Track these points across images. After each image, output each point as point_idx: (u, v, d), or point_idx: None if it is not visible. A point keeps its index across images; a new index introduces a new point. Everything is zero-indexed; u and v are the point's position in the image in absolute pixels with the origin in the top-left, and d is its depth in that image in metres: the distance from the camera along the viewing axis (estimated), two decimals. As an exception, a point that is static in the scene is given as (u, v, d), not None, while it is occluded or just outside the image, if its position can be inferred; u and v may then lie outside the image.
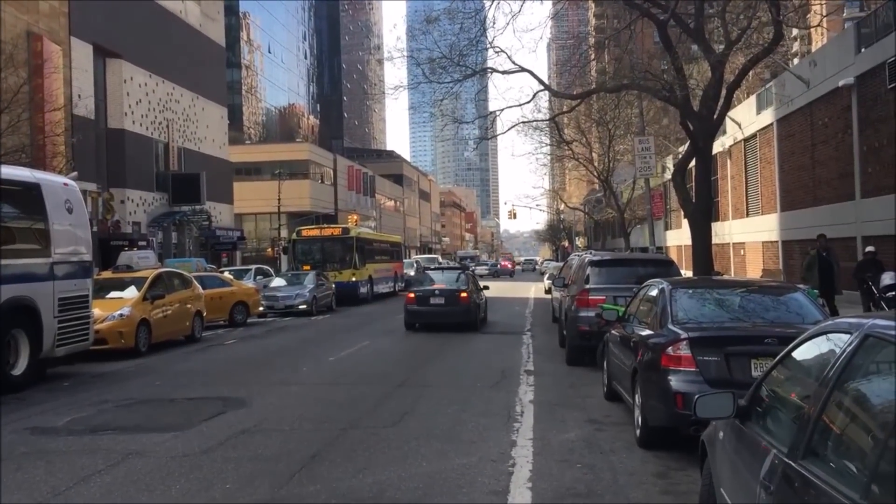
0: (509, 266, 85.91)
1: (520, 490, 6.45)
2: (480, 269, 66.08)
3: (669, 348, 7.24)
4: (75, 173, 15.89)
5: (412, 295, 20.96)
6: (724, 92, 18.74)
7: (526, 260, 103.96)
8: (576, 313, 13.59)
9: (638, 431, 7.90)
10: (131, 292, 16.89)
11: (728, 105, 19.04)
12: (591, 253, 17.67)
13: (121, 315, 15.71)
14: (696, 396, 4.23)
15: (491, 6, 18.43)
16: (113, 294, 16.73)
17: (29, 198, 12.48)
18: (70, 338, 12.99)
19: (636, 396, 8.01)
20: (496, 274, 74.42)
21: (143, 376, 13.38)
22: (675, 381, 7.08)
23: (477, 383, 11.95)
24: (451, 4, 19.51)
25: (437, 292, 20.64)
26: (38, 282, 12.22)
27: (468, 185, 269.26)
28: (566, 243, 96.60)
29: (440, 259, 65.65)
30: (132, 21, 38.31)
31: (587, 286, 13.68)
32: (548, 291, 37.55)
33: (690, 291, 8.52)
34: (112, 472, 7.11)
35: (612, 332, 10.08)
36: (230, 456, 7.64)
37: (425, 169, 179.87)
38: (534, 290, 43.41)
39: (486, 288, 24.51)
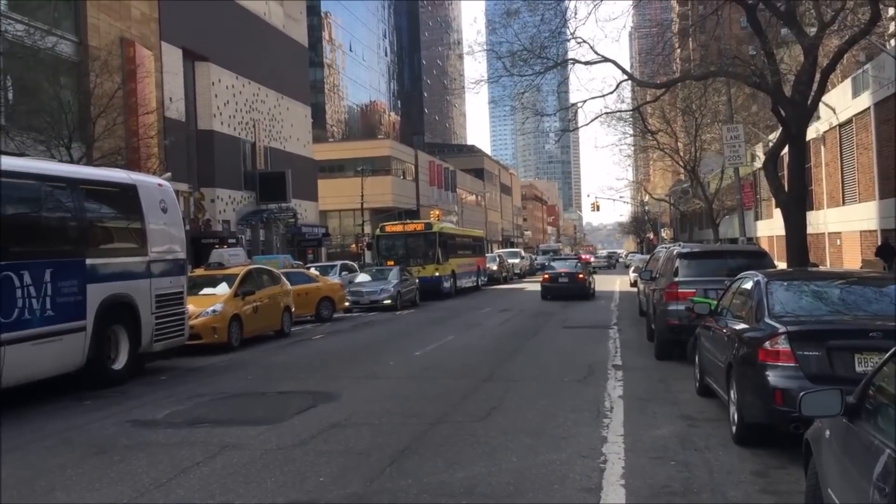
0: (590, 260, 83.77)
1: (613, 487, 6.33)
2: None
3: (767, 343, 6.99)
4: (169, 174, 16.40)
5: (546, 276, 31.57)
6: (817, 76, 18.03)
7: (609, 253, 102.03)
8: (665, 307, 13.30)
9: (734, 428, 7.66)
10: (223, 289, 17.35)
11: (822, 90, 18.29)
12: (679, 245, 17.28)
13: (214, 311, 16.16)
14: (802, 393, 4.05)
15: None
16: (205, 291, 17.22)
17: (126, 198, 12.95)
18: (166, 333, 13.42)
19: (731, 392, 7.77)
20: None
21: (236, 370, 13.73)
22: (773, 377, 6.84)
23: (564, 378, 11.83)
24: (533, -3, 19.34)
25: (562, 275, 30.94)
26: (136, 279, 12.67)
27: (549, 177, 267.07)
28: (651, 235, 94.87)
29: (522, 253, 65.37)
30: (218, 24, 39.36)
31: (676, 279, 13.37)
32: (633, 284, 36.96)
33: (787, 283, 8.21)
34: (210, 465, 7.31)
35: (704, 326, 9.81)
36: (322, 449, 7.76)
37: (506, 162, 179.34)
38: (619, 283, 42.78)
39: (595, 271, 34.55)
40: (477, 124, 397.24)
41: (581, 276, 30.74)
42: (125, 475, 7.04)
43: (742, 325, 7.96)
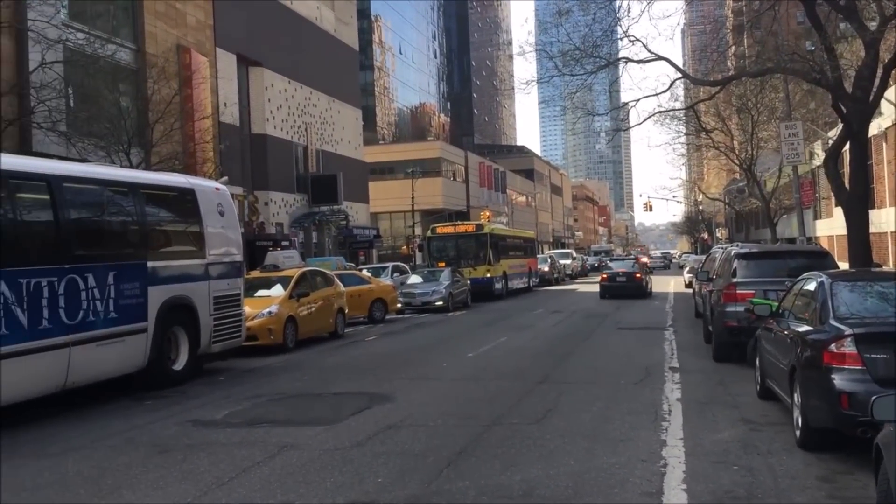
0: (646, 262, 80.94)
1: (674, 492, 6.24)
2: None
3: (832, 345, 6.83)
4: (226, 178, 16.69)
5: (605, 276, 33.12)
6: (879, 71, 17.52)
7: (662, 254, 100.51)
8: (723, 308, 13.07)
9: (798, 432, 7.50)
10: (278, 291, 17.57)
11: (885, 85, 17.78)
12: (737, 245, 16.96)
13: (269, 312, 16.37)
14: (874, 398, 3.94)
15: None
16: (260, 293, 17.44)
17: (185, 202, 13.20)
18: (224, 334, 13.63)
19: (795, 396, 7.60)
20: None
21: (292, 371, 13.89)
22: (839, 380, 6.67)
23: (620, 380, 11.70)
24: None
25: (620, 274, 32.52)
26: (195, 282, 12.89)
27: (600, 177, 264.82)
28: (705, 235, 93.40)
29: (574, 254, 64.90)
30: (271, 30, 39.89)
31: (734, 280, 13.12)
32: (688, 285, 36.42)
33: (851, 284, 8.02)
34: (270, 464, 7.40)
35: (766, 328, 9.62)
36: (379, 450, 7.79)
37: (556, 163, 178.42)
38: (673, 283, 42.22)
39: (651, 271, 38.49)
40: (527, 125, 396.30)
41: (638, 275, 32.51)
42: (188, 474, 7.17)
43: (806, 328, 7.78)
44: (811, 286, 8.42)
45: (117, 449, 8.26)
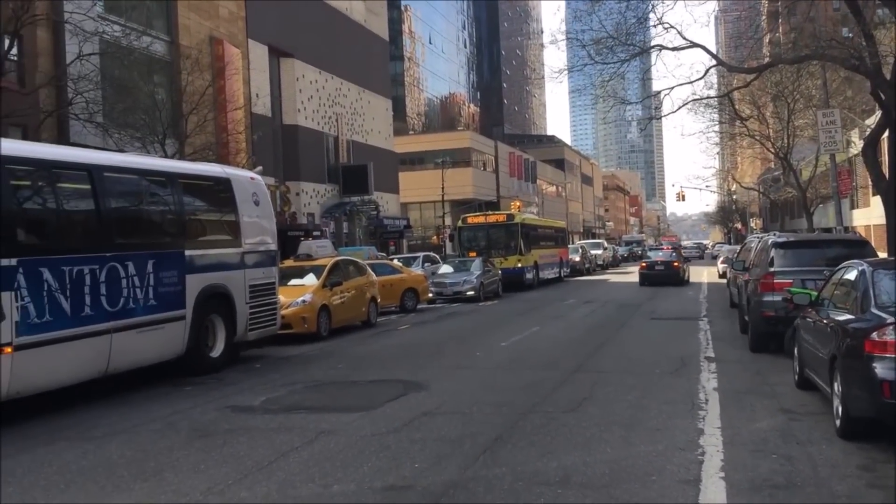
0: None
1: (712, 480, 6.22)
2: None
3: (874, 334, 6.75)
4: (260, 168, 16.87)
5: (644, 264, 34.65)
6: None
7: (695, 244, 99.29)
8: (760, 298, 12.94)
9: (838, 422, 7.42)
10: (311, 280, 17.72)
11: (925, 71, 17.48)
12: (774, 234, 16.78)
13: (303, 301, 16.52)
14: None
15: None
16: (294, 281, 17.60)
17: (221, 192, 13.35)
18: (260, 322, 13.78)
19: (835, 385, 7.52)
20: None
21: (326, 359, 14.01)
22: (881, 369, 6.60)
23: (655, 370, 11.66)
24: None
25: (658, 263, 34.04)
26: (231, 270, 13.04)
27: (632, 167, 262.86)
28: (739, 225, 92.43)
29: (605, 244, 64.57)
30: (302, 21, 40.08)
31: (772, 269, 12.98)
32: (722, 276, 36.10)
33: (893, 273, 7.89)
34: (308, 449, 7.49)
35: (804, 317, 9.52)
36: (415, 437, 7.85)
37: (587, 153, 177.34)
38: (706, 274, 41.87)
39: (689, 260, 40.83)
40: (557, 115, 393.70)
41: (676, 263, 33.98)
42: (228, 458, 7.28)
43: (846, 316, 7.70)
44: (852, 275, 8.32)
45: (159, 433, 8.41)
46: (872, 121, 36.17)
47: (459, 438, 7.75)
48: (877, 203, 42.55)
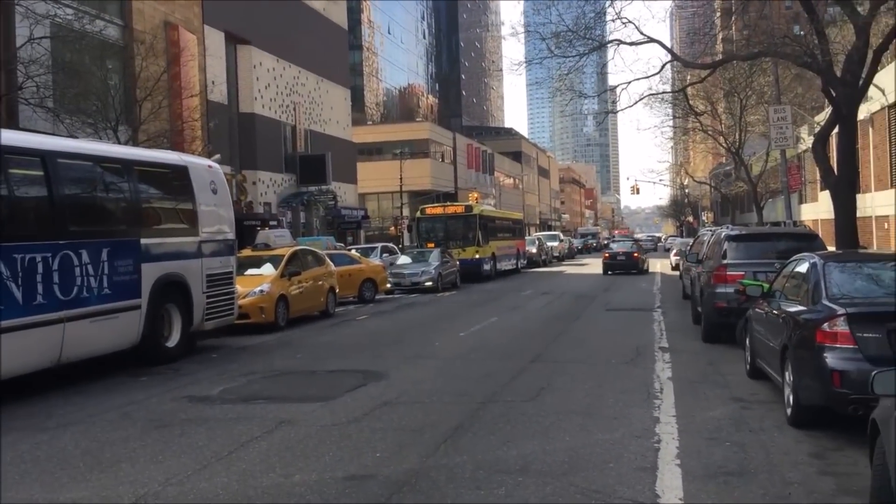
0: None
1: (668, 467, 6.35)
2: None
3: (825, 324, 6.94)
4: (218, 156, 16.69)
5: (607, 254, 37.69)
6: (869, 56, 17.64)
7: (648, 237, 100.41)
8: (713, 289, 13.19)
9: (789, 410, 7.62)
10: (268, 269, 17.58)
11: (874, 70, 17.91)
12: (727, 227, 17.09)
13: (261, 291, 16.40)
14: (874, 372, 4.04)
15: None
16: (251, 271, 17.43)
17: (178, 180, 13.18)
18: (217, 312, 13.65)
19: (786, 374, 7.72)
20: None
21: (284, 349, 13.94)
22: (831, 359, 6.79)
23: (611, 359, 11.82)
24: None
25: (620, 254, 37.05)
26: (188, 259, 12.90)
27: (587, 160, 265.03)
28: (691, 219, 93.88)
29: (561, 236, 65.10)
30: (260, 7, 39.57)
31: (725, 262, 13.24)
32: (675, 268, 36.67)
33: (843, 266, 8.13)
34: (268, 439, 7.46)
35: (756, 308, 9.74)
36: (376, 426, 7.87)
37: (543, 146, 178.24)
38: (659, 266, 42.49)
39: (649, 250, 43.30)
40: (515, 107, 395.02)
41: (636, 254, 37.22)
42: (187, 448, 7.22)
43: (798, 308, 7.90)
44: (803, 267, 8.53)
45: (114, 423, 8.31)
46: (822, 117, 36.98)
47: (420, 428, 7.79)
48: (824, 198, 43.50)
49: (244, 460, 6.79)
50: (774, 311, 8.65)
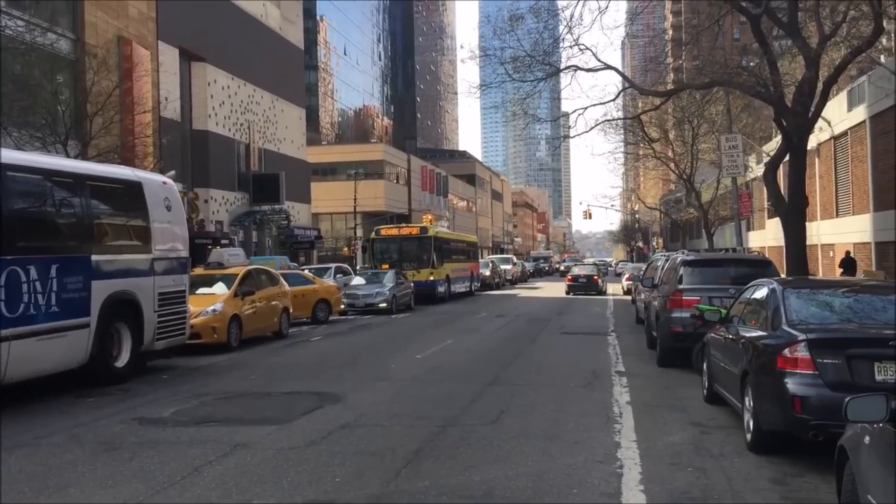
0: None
1: (632, 493, 6.31)
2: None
3: (786, 350, 7.00)
4: (173, 172, 16.37)
5: (570, 277, 41.53)
6: (819, 88, 18.13)
7: (599, 261, 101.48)
8: (668, 314, 13.30)
9: (748, 436, 7.65)
10: (220, 288, 17.26)
11: (824, 101, 18.40)
12: (683, 253, 17.31)
13: (214, 310, 16.07)
14: (847, 399, 4.04)
15: (577, 4, 18.31)
16: (204, 290, 17.09)
17: (132, 196, 12.87)
18: (168, 332, 13.33)
19: (746, 400, 7.76)
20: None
21: (237, 370, 13.65)
22: (792, 385, 6.84)
23: (569, 383, 11.81)
24: (536, 3, 19.35)
25: (582, 276, 40.85)
26: (140, 277, 12.58)
27: (540, 185, 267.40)
28: (641, 244, 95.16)
29: (514, 259, 65.42)
30: (215, 25, 39.26)
31: (680, 286, 13.36)
32: (627, 292, 37.06)
33: (802, 292, 8.23)
34: (223, 463, 7.24)
35: (714, 333, 9.81)
36: (335, 450, 7.70)
37: (497, 169, 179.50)
38: (611, 289, 42.94)
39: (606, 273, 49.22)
40: (469, 130, 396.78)
41: (595, 277, 40.85)
42: (138, 473, 6.97)
43: (757, 333, 7.96)
44: (761, 293, 8.63)
45: (62, 447, 7.99)
46: (770, 147, 37.87)
47: (380, 451, 7.64)
48: (771, 225, 44.54)
49: (199, 485, 6.57)
50: (733, 337, 8.71)
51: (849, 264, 28.31)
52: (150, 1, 34.07)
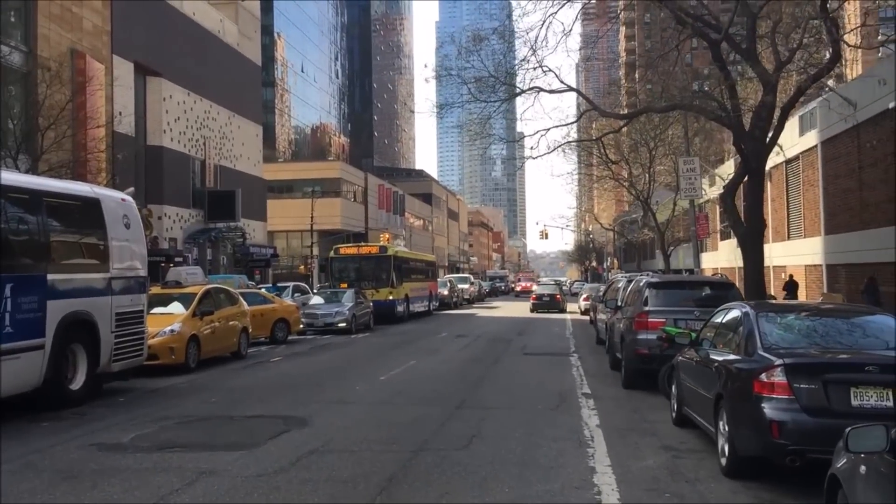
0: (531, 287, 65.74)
1: (614, 519, 6.23)
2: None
3: (762, 375, 6.99)
4: (132, 189, 15.99)
5: (535, 296, 44.87)
6: (777, 113, 18.48)
7: (555, 281, 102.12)
8: (634, 336, 13.32)
9: (723, 460, 7.62)
10: (176, 308, 16.85)
11: (782, 126, 18.76)
12: (648, 275, 17.40)
13: (172, 331, 15.68)
14: (848, 429, 4.00)
15: (542, 27, 18.42)
16: (160, 309, 16.63)
17: (89, 213, 12.49)
18: (126, 353, 12.94)
19: (720, 424, 7.74)
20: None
21: (197, 393, 13.29)
22: (769, 410, 6.83)
23: (537, 405, 11.73)
24: (501, 25, 19.42)
25: (545, 295, 44.25)
26: (97, 297, 12.20)
27: (495, 204, 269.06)
28: (595, 264, 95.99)
29: (472, 279, 65.45)
30: (171, 40, 38.74)
31: (646, 308, 13.40)
32: (584, 312, 37.26)
33: (775, 315, 8.27)
34: (189, 492, 6.98)
35: (684, 356, 9.82)
36: (305, 477, 7.49)
37: (453, 188, 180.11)
38: (568, 309, 43.17)
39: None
40: (425, 149, 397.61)
41: (558, 296, 44.35)
42: (101, 502, 6.68)
43: (731, 357, 7.96)
44: (732, 316, 8.66)
45: (18, 474, 7.63)
46: (722, 170, 38.55)
47: (352, 478, 7.45)
48: (724, 247, 45.31)
49: (166, 516, 6.32)
50: (705, 361, 8.70)
51: (791, 287, 29.06)
52: (105, 14, 33.51)
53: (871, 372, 6.68)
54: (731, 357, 7.95)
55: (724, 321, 8.94)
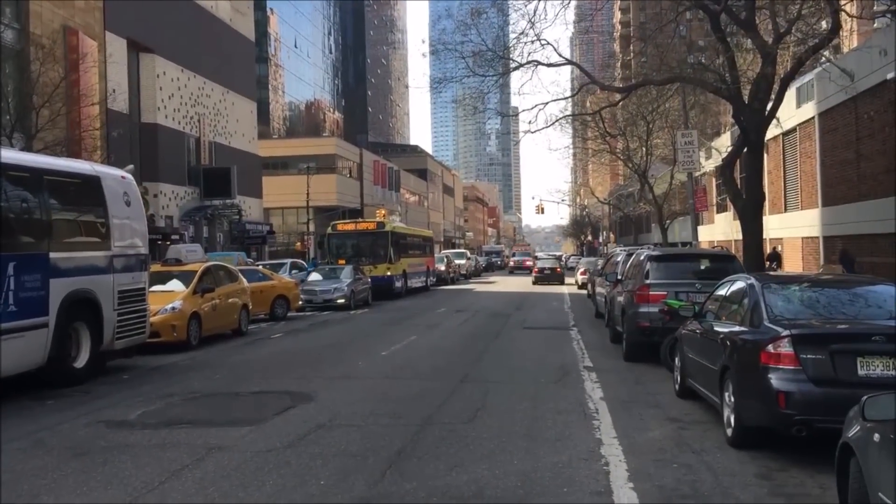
0: (529, 263, 64.29)
1: (623, 491, 6.28)
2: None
3: (770, 346, 7.03)
4: (132, 166, 15.89)
5: (537, 269, 47.31)
6: (776, 85, 18.41)
7: (549, 255, 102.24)
8: (636, 309, 13.37)
9: (729, 431, 7.68)
10: (176, 285, 16.83)
11: (781, 98, 18.68)
12: (649, 248, 17.43)
13: (173, 308, 15.69)
14: (865, 397, 4.03)
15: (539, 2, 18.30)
16: (160, 287, 16.59)
17: (90, 191, 12.45)
18: (128, 331, 12.96)
19: (726, 395, 7.79)
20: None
21: (200, 370, 13.33)
22: (776, 380, 6.88)
23: (540, 379, 11.79)
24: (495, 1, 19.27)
25: (547, 268, 46.79)
26: (99, 275, 12.19)
27: (490, 179, 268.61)
28: (591, 238, 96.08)
29: (468, 254, 65.49)
30: (164, 15, 38.39)
31: (647, 281, 13.45)
32: (582, 286, 37.37)
33: (780, 287, 8.29)
34: (201, 467, 7.02)
35: (687, 328, 9.86)
36: (315, 451, 7.53)
37: (448, 163, 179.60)
38: (566, 282, 43.36)
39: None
40: (420, 125, 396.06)
41: (558, 269, 47.13)
42: (112, 478, 6.72)
43: (737, 328, 8.00)
44: (737, 287, 8.69)
45: (28, 452, 7.67)
46: (719, 143, 38.50)
47: (362, 452, 7.49)
48: (720, 220, 45.35)
49: (178, 490, 6.35)
50: (710, 333, 8.74)
51: (774, 258, 29.34)
52: (97, -10, 33.15)
53: (877, 342, 6.72)
54: (737, 329, 7.99)
55: (727, 294, 8.98)
